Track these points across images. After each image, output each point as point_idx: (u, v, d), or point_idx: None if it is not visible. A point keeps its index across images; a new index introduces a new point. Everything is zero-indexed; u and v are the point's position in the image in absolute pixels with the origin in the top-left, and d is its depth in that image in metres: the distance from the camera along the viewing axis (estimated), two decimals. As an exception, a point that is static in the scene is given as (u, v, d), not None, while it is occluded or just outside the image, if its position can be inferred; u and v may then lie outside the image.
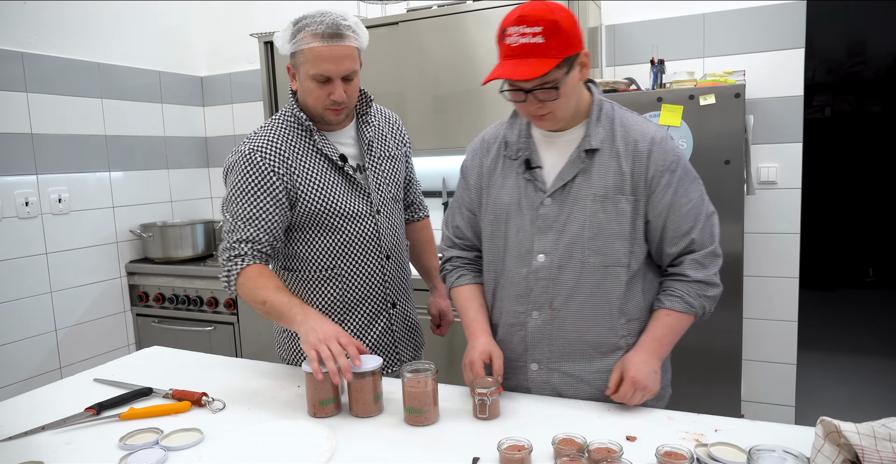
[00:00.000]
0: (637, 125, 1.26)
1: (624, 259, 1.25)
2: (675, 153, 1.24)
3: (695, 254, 1.26)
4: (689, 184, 1.25)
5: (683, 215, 1.24)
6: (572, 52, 1.15)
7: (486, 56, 2.53)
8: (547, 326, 1.29)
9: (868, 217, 5.35)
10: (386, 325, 1.55)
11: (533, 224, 1.28)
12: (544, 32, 1.11)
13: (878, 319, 4.54)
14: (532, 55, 1.12)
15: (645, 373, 1.21)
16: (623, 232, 1.24)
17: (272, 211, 1.38)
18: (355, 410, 1.23)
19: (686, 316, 1.27)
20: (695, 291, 1.26)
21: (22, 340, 2.67)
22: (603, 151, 1.24)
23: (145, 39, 3.25)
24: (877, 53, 5.26)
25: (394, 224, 1.55)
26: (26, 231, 2.68)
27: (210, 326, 3.00)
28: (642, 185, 1.23)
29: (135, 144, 3.19)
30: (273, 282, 1.35)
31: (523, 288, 1.30)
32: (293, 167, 1.41)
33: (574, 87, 1.20)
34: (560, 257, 1.26)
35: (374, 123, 1.53)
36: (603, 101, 1.29)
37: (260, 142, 1.41)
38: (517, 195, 1.30)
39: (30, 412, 1.30)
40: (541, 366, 1.32)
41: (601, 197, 1.23)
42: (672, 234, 1.25)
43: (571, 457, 0.96)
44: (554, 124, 1.25)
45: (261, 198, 1.38)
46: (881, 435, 0.83)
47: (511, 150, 1.32)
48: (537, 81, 1.15)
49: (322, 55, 1.32)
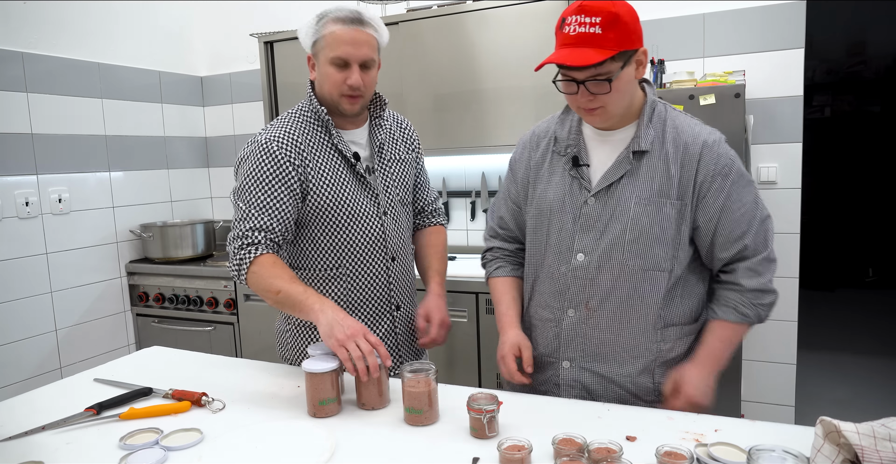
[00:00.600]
0: (689, 128, 1.25)
1: (665, 264, 1.23)
2: (727, 156, 1.22)
3: (748, 261, 1.24)
4: (742, 188, 1.22)
5: (736, 220, 1.22)
6: (630, 47, 1.14)
7: (486, 56, 2.53)
8: (581, 325, 1.29)
9: (868, 217, 5.35)
10: (389, 327, 1.54)
11: (575, 223, 1.28)
12: (603, 23, 1.10)
13: (878, 319, 4.54)
14: (589, 44, 1.11)
15: (702, 391, 1.22)
16: (665, 237, 1.22)
17: (286, 200, 1.38)
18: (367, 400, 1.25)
19: (741, 326, 1.26)
20: (749, 300, 1.24)
21: (22, 340, 2.67)
22: (652, 153, 1.23)
23: (145, 39, 3.25)
24: (877, 53, 5.26)
25: (400, 227, 1.54)
26: (26, 231, 2.68)
27: (210, 326, 3.00)
28: (691, 189, 1.21)
29: (135, 144, 3.19)
30: (287, 272, 1.34)
31: (561, 285, 1.31)
32: (308, 160, 1.41)
33: (628, 83, 1.18)
34: (599, 258, 1.26)
35: (385, 126, 1.54)
36: (656, 102, 1.28)
37: (277, 132, 1.42)
38: (562, 192, 1.29)
39: (30, 412, 1.30)
40: (572, 364, 1.32)
41: (645, 200, 1.22)
42: (723, 238, 1.23)
43: (571, 457, 0.96)
44: (604, 121, 1.23)
45: (276, 187, 1.38)
46: (881, 435, 0.83)
47: (560, 145, 1.32)
48: (591, 72, 1.13)
49: (342, 38, 1.35)
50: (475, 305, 2.41)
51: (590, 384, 1.32)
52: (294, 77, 2.93)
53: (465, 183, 3.04)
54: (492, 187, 2.97)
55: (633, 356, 1.28)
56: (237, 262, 1.35)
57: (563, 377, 1.34)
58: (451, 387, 1.35)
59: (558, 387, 1.35)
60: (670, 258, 1.23)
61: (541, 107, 2.47)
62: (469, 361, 2.44)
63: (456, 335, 2.46)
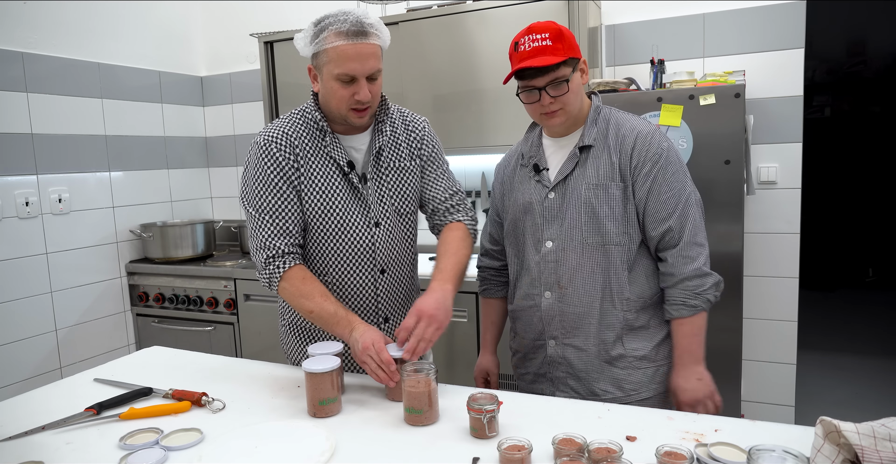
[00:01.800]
0: (628, 123, 1.42)
1: (617, 239, 1.38)
2: (659, 146, 1.37)
3: (677, 247, 1.37)
4: (671, 174, 1.37)
5: (662, 202, 1.36)
6: (574, 56, 1.35)
7: (486, 56, 2.53)
8: (557, 303, 1.44)
9: (868, 217, 5.35)
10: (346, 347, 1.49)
11: (542, 216, 1.45)
12: (551, 37, 1.32)
13: (878, 319, 4.54)
14: (544, 54, 1.32)
15: (693, 387, 1.37)
16: (615, 214, 1.38)
17: (294, 200, 1.40)
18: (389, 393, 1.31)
19: (697, 317, 1.39)
20: (691, 292, 1.37)
21: (22, 340, 2.67)
22: (596, 148, 1.41)
23: (145, 39, 3.25)
24: (877, 53, 5.26)
25: (394, 238, 1.49)
26: (26, 231, 2.68)
27: (210, 326, 3.00)
28: (629, 173, 1.38)
29: (135, 144, 3.19)
30: (316, 288, 1.36)
31: (536, 273, 1.47)
32: (302, 163, 1.41)
33: (578, 87, 1.39)
34: (563, 241, 1.42)
35: (387, 131, 1.48)
36: (601, 107, 1.46)
37: (274, 132, 1.41)
38: (529, 195, 1.48)
39: (30, 412, 1.30)
40: (557, 342, 1.46)
41: (594, 185, 1.39)
42: (651, 218, 1.38)
43: (571, 457, 0.96)
44: (563, 121, 1.40)
45: (281, 188, 1.39)
46: (881, 435, 0.83)
47: (525, 158, 1.51)
48: (550, 76, 1.33)
49: (347, 54, 1.30)
50: (475, 305, 2.41)
51: (573, 359, 1.45)
52: (294, 77, 2.93)
53: (465, 183, 3.04)
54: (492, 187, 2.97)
55: (605, 325, 1.41)
56: (267, 276, 1.39)
57: (550, 357, 1.48)
58: (451, 387, 1.35)
59: (549, 366, 1.48)
60: (623, 234, 1.38)
61: (541, 107, 2.47)
62: (469, 361, 2.44)
63: (456, 335, 2.46)
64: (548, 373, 1.49)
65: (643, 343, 1.42)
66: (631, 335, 1.42)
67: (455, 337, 2.46)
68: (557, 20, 2.49)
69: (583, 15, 2.37)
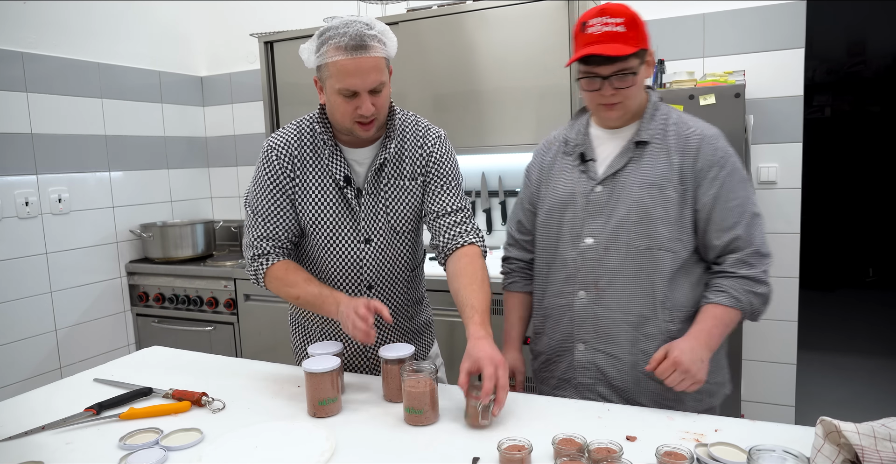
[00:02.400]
0: (689, 123, 1.34)
1: (669, 244, 1.29)
2: (724, 150, 1.30)
3: (740, 252, 1.28)
4: (737, 182, 1.29)
5: (729, 210, 1.28)
6: (645, 47, 1.27)
7: (486, 56, 2.53)
8: (592, 305, 1.35)
9: (868, 217, 5.35)
10: (361, 348, 1.51)
11: (584, 210, 1.36)
12: (626, 23, 1.24)
13: (878, 319, 4.54)
14: (615, 41, 1.23)
15: (689, 357, 1.20)
16: (669, 217, 1.29)
17: (287, 208, 1.41)
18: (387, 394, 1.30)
19: (732, 310, 1.27)
20: (741, 286, 1.27)
21: (22, 340, 2.67)
22: (654, 144, 1.32)
23: (145, 39, 3.25)
24: (877, 53, 5.26)
25: (385, 255, 1.45)
26: (26, 231, 2.68)
27: (210, 326, 3.00)
28: (690, 176, 1.29)
29: (135, 144, 3.19)
30: (301, 275, 1.38)
31: (571, 269, 1.37)
32: (299, 174, 1.41)
33: (642, 80, 1.31)
34: (606, 239, 1.33)
35: (392, 147, 1.42)
36: (659, 103, 1.38)
37: (278, 140, 1.42)
38: (571, 185, 1.39)
39: (30, 412, 1.30)
40: (587, 346, 1.37)
41: (648, 184, 1.30)
42: (717, 226, 1.29)
43: (571, 457, 0.96)
44: (622, 115, 1.33)
45: (276, 195, 1.41)
46: (881, 435, 0.83)
47: (569, 146, 1.43)
48: (618, 66, 1.25)
49: (347, 69, 1.26)
50: (475, 305, 2.41)
51: (604, 366, 1.35)
52: (294, 77, 2.93)
53: (465, 183, 3.02)
54: (491, 187, 2.97)
55: (644, 335, 1.31)
56: (253, 272, 1.43)
57: (578, 360, 1.38)
58: (451, 387, 1.35)
59: (575, 371, 1.39)
60: (675, 239, 1.29)
61: (541, 107, 2.47)
62: (469, 361, 2.44)
63: (456, 335, 2.46)
64: (573, 378, 1.39)
65: None
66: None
67: (455, 337, 2.46)
68: (557, 20, 2.51)
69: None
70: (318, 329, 1.54)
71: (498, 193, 2.96)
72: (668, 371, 1.20)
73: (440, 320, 2.47)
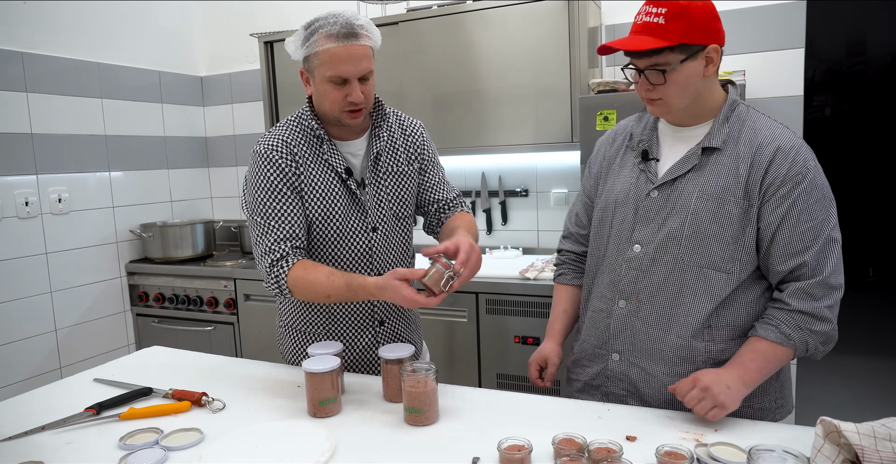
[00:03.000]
0: (768, 130, 1.20)
1: (723, 264, 1.18)
2: (803, 165, 1.16)
3: (804, 281, 1.15)
4: (814, 201, 1.15)
5: (799, 233, 1.15)
6: (695, 42, 1.14)
7: (486, 56, 2.53)
8: (631, 317, 1.28)
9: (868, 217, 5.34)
10: (371, 341, 1.52)
11: (636, 214, 1.28)
12: (667, 14, 1.12)
13: (878, 320, 4.53)
14: (649, 33, 1.14)
15: (716, 383, 1.11)
16: (725, 235, 1.18)
17: (298, 204, 1.40)
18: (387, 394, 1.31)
19: (779, 347, 1.15)
20: (795, 322, 1.15)
21: (22, 340, 2.67)
22: (724, 152, 1.20)
23: (145, 39, 3.25)
24: (877, 53, 5.26)
25: (391, 242, 1.50)
26: (26, 231, 2.68)
27: (210, 326, 3.00)
28: (758, 190, 1.16)
29: (135, 144, 3.19)
30: (322, 272, 1.32)
31: (616, 275, 1.30)
32: (302, 171, 1.41)
33: (691, 77, 1.17)
34: (655, 250, 1.24)
35: (384, 136, 1.47)
36: (738, 103, 1.25)
37: (274, 141, 1.42)
38: (628, 185, 1.30)
39: (30, 412, 1.30)
40: (622, 357, 1.30)
41: (708, 196, 1.19)
42: (781, 250, 1.16)
43: (571, 457, 0.96)
44: (664, 112, 1.24)
45: (285, 193, 1.39)
46: (881, 435, 0.83)
47: (634, 141, 1.34)
48: (650, 60, 1.16)
49: (338, 56, 1.29)
50: (475, 305, 2.41)
51: (637, 381, 1.28)
52: (294, 77, 2.93)
53: (465, 183, 3.04)
54: (492, 187, 2.97)
55: (682, 357, 1.23)
56: (274, 281, 1.35)
57: (611, 370, 1.32)
58: (451, 387, 1.35)
59: (607, 380, 1.33)
60: (730, 259, 1.18)
61: (540, 107, 2.47)
62: (469, 361, 2.44)
63: (456, 335, 2.46)
64: (602, 386, 1.34)
65: None
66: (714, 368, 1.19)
67: (455, 337, 2.46)
68: (557, 20, 2.51)
69: (583, 15, 2.37)
70: (325, 332, 1.53)
71: (498, 193, 2.96)
72: (686, 388, 1.13)
73: (439, 320, 2.47)
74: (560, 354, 1.45)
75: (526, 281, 2.33)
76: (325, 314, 1.51)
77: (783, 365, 1.20)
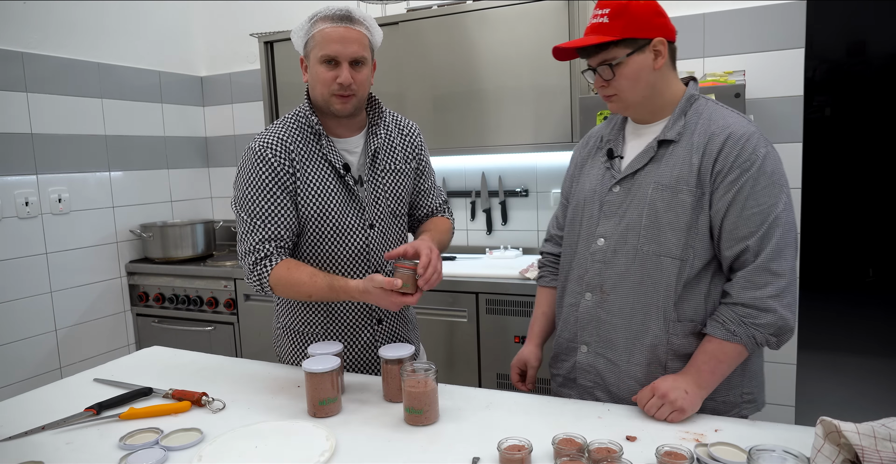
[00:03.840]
0: (722, 120, 1.23)
1: (677, 251, 1.21)
2: (752, 152, 1.18)
3: (746, 268, 1.17)
4: (761, 187, 1.17)
5: (745, 218, 1.17)
6: (639, 35, 1.20)
7: (486, 56, 2.53)
8: (596, 308, 1.32)
9: (868, 217, 5.35)
10: (369, 340, 1.52)
11: (600, 210, 1.33)
12: (611, 13, 1.20)
13: (878, 319, 4.54)
14: (596, 32, 1.21)
15: (674, 389, 1.15)
16: (679, 223, 1.21)
17: (288, 205, 1.40)
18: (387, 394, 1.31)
19: (728, 345, 1.17)
20: (738, 317, 1.17)
21: (22, 340, 2.67)
22: (679, 144, 1.24)
23: (145, 39, 3.25)
24: (877, 53, 5.26)
25: (387, 239, 1.51)
26: (26, 231, 2.68)
27: (210, 326, 3.00)
28: (709, 178, 1.20)
29: (135, 144, 3.19)
30: (304, 271, 1.35)
31: (582, 270, 1.35)
32: (298, 168, 1.41)
33: (641, 71, 1.22)
34: (616, 242, 1.29)
35: (382, 134, 1.49)
36: (696, 96, 1.29)
37: (270, 138, 1.42)
38: (595, 182, 1.36)
39: (30, 412, 1.30)
40: (589, 349, 1.34)
41: (663, 186, 1.23)
42: (727, 235, 1.19)
43: (571, 457, 0.96)
44: (621, 108, 1.30)
45: (276, 193, 1.39)
46: (881, 435, 0.83)
47: (603, 142, 1.39)
48: (598, 58, 1.23)
49: (331, 36, 1.33)
50: (475, 305, 2.41)
51: (604, 371, 1.32)
52: (294, 77, 2.93)
53: (465, 183, 3.04)
54: (492, 187, 2.97)
55: (644, 345, 1.26)
56: (256, 279, 1.38)
57: (580, 363, 1.36)
58: (451, 387, 1.35)
59: (577, 371, 1.36)
60: (683, 246, 1.21)
61: (540, 107, 2.47)
62: (469, 361, 2.44)
63: (456, 335, 2.46)
64: (577, 379, 1.37)
65: None
66: (676, 363, 1.25)
67: (455, 337, 2.46)
68: (557, 20, 2.51)
69: (583, 15, 2.37)
70: (323, 332, 1.53)
71: (498, 193, 2.96)
72: (646, 398, 1.18)
73: (439, 320, 2.48)
74: (539, 356, 1.48)
75: (526, 281, 2.33)
76: (324, 314, 1.51)
77: (738, 361, 1.20)
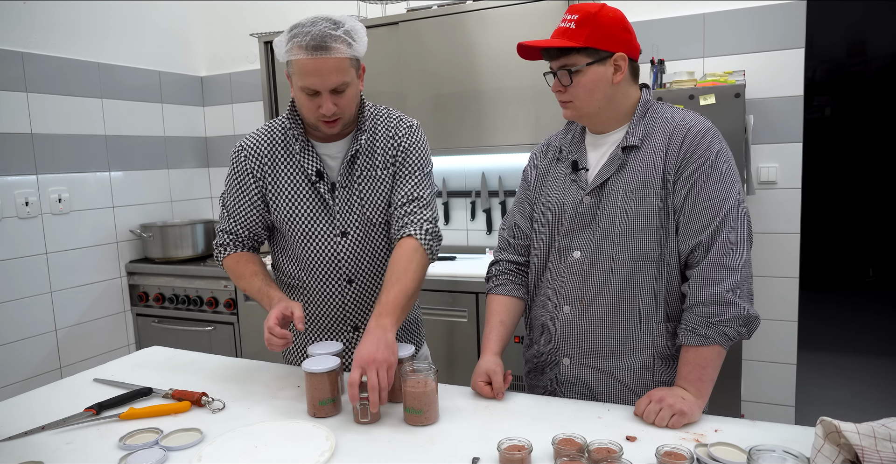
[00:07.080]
0: (678, 118, 1.25)
1: (652, 253, 1.23)
2: (707, 147, 1.19)
3: (700, 265, 1.18)
4: (713, 182, 1.18)
5: (698, 212, 1.18)
6: (602, 47, 1.20)
7: (486, 56, 2.53)
8: (577, 321, 1.30)
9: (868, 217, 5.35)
10: (346, 347, 1.51)
11: (572, 222, 1.31)
12: (578, 20, 1.20)
13: (878, 320, 4.54)
14: (561, 36, 1.22)
15: (670, 394, 1.15)
16: (650, 227, 1.22)
17: (249, 209, 1.47)
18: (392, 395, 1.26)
19: (705, 348, 1.17)
20: (704, 319, 1.17)
21: (22, 340, 2.67)
22: (642, 148, 1.25)
23: (145, 39, 3.25)
24: (877, 53, 5.26)
25: (363, 248, 1.45)
26: (26, 231, 2.68)
27: (210, 326, 3.00)
28: (672, 176, 1.21)
29: (135, 144, 3.19)
30: (248, 269, 1.45)
31: (558, 283, 1.33)
32: (269, 173, 1.44)
33: (599, 82, 1.23)
34: (592, 253, 1.28)
35: (363, 139, 1.42)
36: (651, 102, 1.30)
37: (250, 140, 1.46)
38: (562, 195, 1.34)
39: (30, 412, 1.30)
40: (572, 361, 1.32)
41: (632, 192, 1.23)
42: (683, 229, 1.21)
43: (571, 457, 0.96)
44: (575, 116, 1.29)
45: (240, 195, 1.47)
46: (881, 435, 0.83)
47: (563, 154, 1.37)
48: (559, 62, 1.23)
49: (307, 68, 1.27)
50: (475, 305, 2.41)
51: (591, 381, 1.31)
52: (294, 77, 2.93)
53: (465, 183, 3.04)
54: (492, 187, 2.97)
55: (630, 349, 1.26)
56: (215, 256, 1.54)
57: (564, 375, 1.34)
58: (451, 387, 1.35)
59: (561, 385, 1.35)
60: (658, 248, 1.22)
61: (540, 107, 2.47)
62: (469, 361, 2.44)
63: (456, 335, 2.46)
64: (558, 391, 1.35)
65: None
66: (663, 365, 1.26)
67: (455, 337, 2.46)
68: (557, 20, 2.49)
69: (583, 15, 2.37)
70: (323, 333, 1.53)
71: (498, 193, 2.96)
72: (643, 405, 1.16)
73: (439, 320, 2.47)
74: (500, 363, 1.33)
75: (526, 281, 2.33)
76: (323, 315, 1.51)
77: (720, 361, 1.20)
